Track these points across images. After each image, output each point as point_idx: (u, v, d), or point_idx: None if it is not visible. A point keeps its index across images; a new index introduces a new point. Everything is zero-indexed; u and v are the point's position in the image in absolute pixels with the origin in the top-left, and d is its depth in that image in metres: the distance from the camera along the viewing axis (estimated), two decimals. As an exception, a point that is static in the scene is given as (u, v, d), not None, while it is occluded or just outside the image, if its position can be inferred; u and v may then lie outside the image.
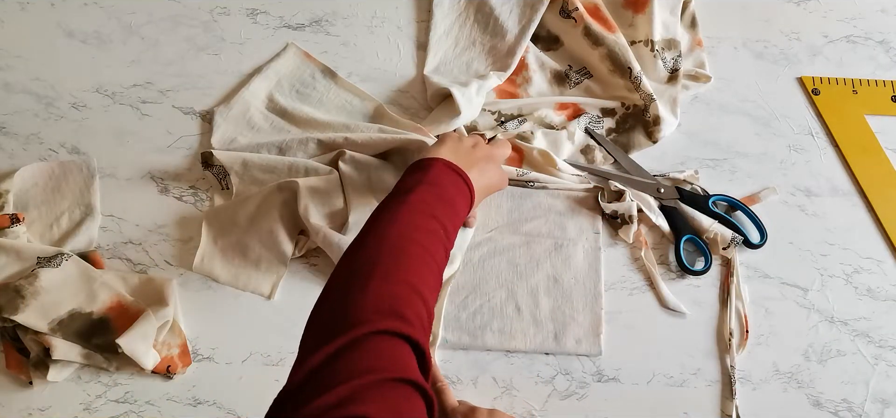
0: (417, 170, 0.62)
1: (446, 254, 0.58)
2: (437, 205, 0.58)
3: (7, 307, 0.65)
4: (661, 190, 0.78)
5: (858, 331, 0.73)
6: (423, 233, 0.55)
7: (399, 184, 0.61)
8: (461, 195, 0.62)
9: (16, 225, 0.72)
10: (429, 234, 0.56)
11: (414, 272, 0.52)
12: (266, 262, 0.73)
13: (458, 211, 0.61)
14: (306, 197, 0.72)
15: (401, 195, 0.59)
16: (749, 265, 0.76)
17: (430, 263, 0.55)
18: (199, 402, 0.68)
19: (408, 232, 0.55)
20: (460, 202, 0.62)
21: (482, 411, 0.62)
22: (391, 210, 0.57)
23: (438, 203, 0.59)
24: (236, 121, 0.82)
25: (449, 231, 0.58)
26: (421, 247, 0.54)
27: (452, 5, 0.91)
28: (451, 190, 0.62)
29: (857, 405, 0.69)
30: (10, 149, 0.80)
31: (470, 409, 0.62)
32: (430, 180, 0.60)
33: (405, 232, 0.54)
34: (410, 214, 0.56)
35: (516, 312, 0.72)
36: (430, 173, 0.61)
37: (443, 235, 0.57)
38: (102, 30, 0.88)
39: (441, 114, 0.81)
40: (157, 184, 0.79)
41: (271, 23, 0.90)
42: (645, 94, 0.81)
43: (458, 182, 0.63)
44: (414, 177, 0.61)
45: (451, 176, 0.63)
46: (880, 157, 0.82)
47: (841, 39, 0.91)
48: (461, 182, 0.63)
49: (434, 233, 0.56)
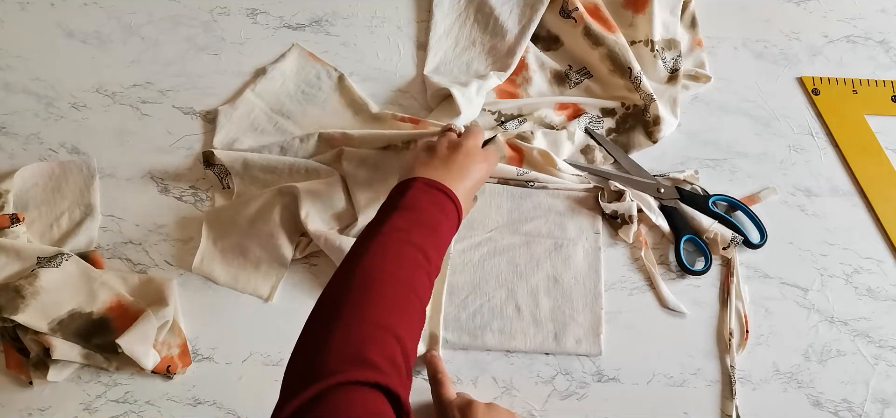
0: (393, 196, 0.60)
1: (430, 279, 0.55)
2: (415, 231, 0.55)
3: (7, 307, 0.65)
4: (661, 190, 0.78)
5: (858, 331, 0.73)
6: (397, 263, 0.52)
7: (376, 215, 0.58)
8: (443, 212, 0.59)
9: (16, 225, 0.72)
10: (405, 264, 0.53)
11: (385, 309, 0.49)
12: (265, 265, 0.73)
13: (440, 231, 0.58)
14: (308, 203, 0.72)
15: (374, 226, 0.56)
16: (749, 265, 0.75)
17: (408, 295, 0.51)
18: (199, 402, 0.68)
19: (380, 264, 0.52)
20: (443, 219, 0.59)
21: (479, 405, 0.61)
22: (364, 243, 0.54)
23: (415, 228, 0.55)
24: (240, 123, 0.82)
25: (430, 255, 0.55)
26: (394, 279, 0.51)
27: (452, 5, 0.91)
28: (429, 211, 0.58)
29: (857, 405, 0.69)
30: (10, 149, 0.80)
31: (466, 403, 0.62)
32: (406, 204, 0.57)
33: (377, 264, 0.52)
34: (383, 246, 0.53)
35: (516, 312, 0.72)
36: (405, 197, 0.58)
37: (422, 261, 0.54)
38: (102, 30, 0.88)
39: (441, 115, 0.81)
40: (157, 184, 0.79)
41: (271, 23, 0.90)
42: (645, 94, 0.81)
43: (439, 198, 0.59)
44: (389, 203, 0.59)
45: (430, 193, 0.59)
46: (880, 157, 0.82)
47: (841, 39, 0.91)
48: (441, 196, 0.60)
49: (412, 261, 0.53)
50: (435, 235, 0.57)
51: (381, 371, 0.45)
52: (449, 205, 0.60)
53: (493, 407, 0.62)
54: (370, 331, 0.47)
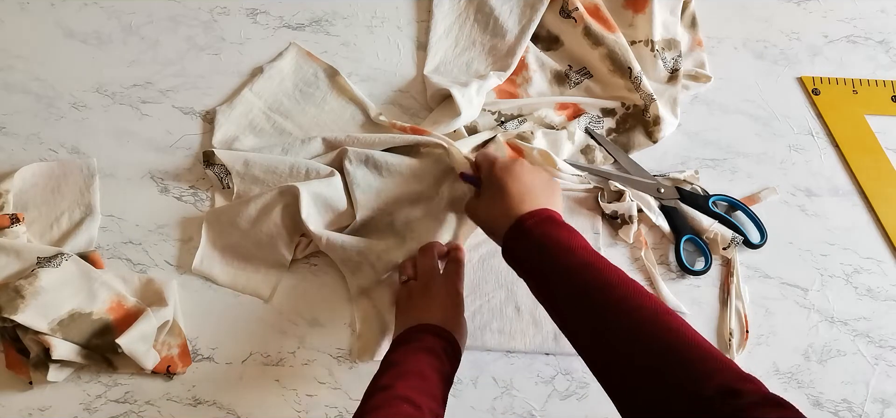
0: (387, 353, 0.60)
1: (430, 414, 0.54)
2: (397, 385, 0.54)
3: (7, 307, 0.65)
4: (661, 190, 0.78)
5: (858, 331, 0.73)
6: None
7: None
8: (429, 351, 0.58)
9: (16, 225, 0.72)
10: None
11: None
12: (266, 265, 0.74)
13: (426, 373, 0.57)
14: (308, 204, 0.72)
15: (367, 390, 0.56)
16: (749, 265, 0.75)
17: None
18: (199, 402, 0.68)
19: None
20: (430, 360, 0.58)
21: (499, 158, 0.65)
22: (359, 409, 0.54)
23: (397, 381, 0.55)
24: (238, 122, 0.82)
25: (420, 400, 0.54)
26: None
27: (452, 5, 0.91)
28: (410, 360, 0.57)
29: (857, 405, 0.69)
30: (10, 149, 0.80)
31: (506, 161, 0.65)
32: (387, 361, 0.58)
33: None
34: (370, 410, 0.53)
35: (516, 312, 0.72)
36: (387, 355, 0.59)
37: (411, 410, 0.53)
38: (102, 30, 0.88)
39: (441, 115, 0.81)
40: (157, 184, 0.79)
41: (271, 23, 0.90)
42: (645, 94, 0.81)
43: (423, 341, 0.59)
44: (383, 361, 0.59)
45: (411, 342, 0.59)
46: (880, 157, 0.82)
47: (841, 39, 0.91)
48: (424, 337, 0.60)
49: (398, 415, 0.52)
50: (422, 379, 0.56)
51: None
52: (436, 342, 0.59)
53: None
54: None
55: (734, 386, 0.42)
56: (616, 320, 0.50)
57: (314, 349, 0.70)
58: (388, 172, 0.76)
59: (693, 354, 0.46)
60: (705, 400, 0.42)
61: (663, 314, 0.49)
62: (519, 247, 0.60)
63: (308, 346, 0.71)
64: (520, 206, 0.61)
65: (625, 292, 0.51)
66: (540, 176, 0.65)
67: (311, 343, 0.71)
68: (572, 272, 0.54)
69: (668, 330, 0.48)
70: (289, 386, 0.69)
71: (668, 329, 0.48)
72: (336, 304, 0.72)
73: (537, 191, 0.63)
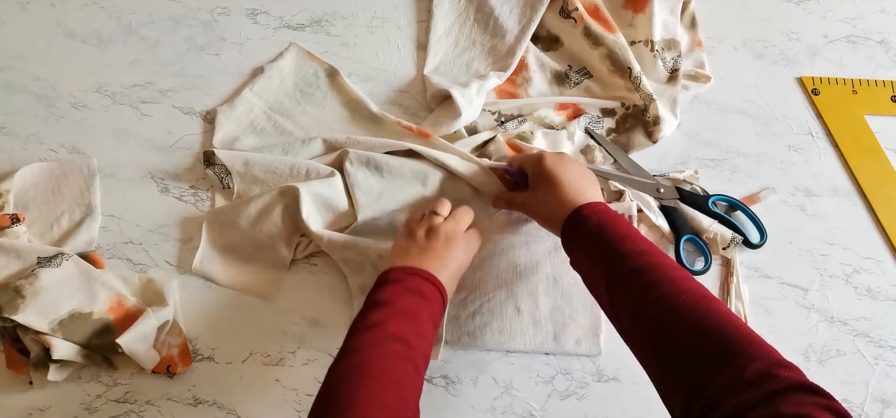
0: (371, 292, 0.60)
1: (414, 364, 0.55)
2: (390, 322, 0.56)
3: (7, 307, 0.65)
4: (660, 190, 0.78)
5: (858, 331, 0.73)
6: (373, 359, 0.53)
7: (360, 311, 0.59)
8: (422, 295, 0.60)
9: (16, 225, 0.72)
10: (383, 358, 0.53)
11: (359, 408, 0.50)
12: (265, 266, 0.74)
13: (420, 316, 0.58)
14: (308, 204, 0.72)
15: (354, 325, 0.57)
16: (749, 265, 0.76)
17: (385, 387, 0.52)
18: (199, 402, 0.68)
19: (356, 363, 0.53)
20: (422, 303, 0.59)
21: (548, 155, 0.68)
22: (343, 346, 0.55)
23: (390, 320, 0.56)
24: (239, 121, 0.82)
25: (412, 341, 0.55)
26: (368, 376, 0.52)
27: (452, 5, 0.91)
28: (404, 299, 0.59)
29: (857, 405, 0.69)
30: (10, 149, 0.80)
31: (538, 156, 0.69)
32: (380, 298, 0.59)
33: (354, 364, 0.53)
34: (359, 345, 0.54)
35: (516, 312, 0.72)
36: (379, 291, 0.59)
37: (402, 349, 0.55)
38: (102, 30, 0.88)
39: (441, 115, 0.81)
40: (157, 184, 0.79)
41: (271, 23, 0.90)
42: (645, 94, 0.81)
43: (415, 283, 0.60)
44: (368, 299, 0.60)
45: (405, 281, 0.60)
46: (880, 157, 0.82)
47: (841, 39, 0.91)
48: (418, 281, 0.60)
49: (390, 354, 0.54)
50: (414, 320, 0.57)
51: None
52: (428, 287, 0.60)
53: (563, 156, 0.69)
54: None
55: (774, 372, 0.45)
56: (668, 300, 0.53)
57: (314, 349, 0.70)
58: (389, 174, 0.76)
59: (738, 337, 0.48)
60: (746, 382, 0.45)
61: (711, 299, 0.52)
62: (580, 232, 0.63)
63: (308, 346, 0.71)
64: (575, 197, 0.65)
65: (676, 275, 0.55)
66: (582, 168, 0.69)
67: (311, 343, 0.71)
68: (631, 256, 0.58)
69: (717, 312, 0.51)
70: (289, 386, 0.69)
71: (717, 312, 0.51)
72: (336, 304, 0.73)
73: (587, 182, 0.67)
